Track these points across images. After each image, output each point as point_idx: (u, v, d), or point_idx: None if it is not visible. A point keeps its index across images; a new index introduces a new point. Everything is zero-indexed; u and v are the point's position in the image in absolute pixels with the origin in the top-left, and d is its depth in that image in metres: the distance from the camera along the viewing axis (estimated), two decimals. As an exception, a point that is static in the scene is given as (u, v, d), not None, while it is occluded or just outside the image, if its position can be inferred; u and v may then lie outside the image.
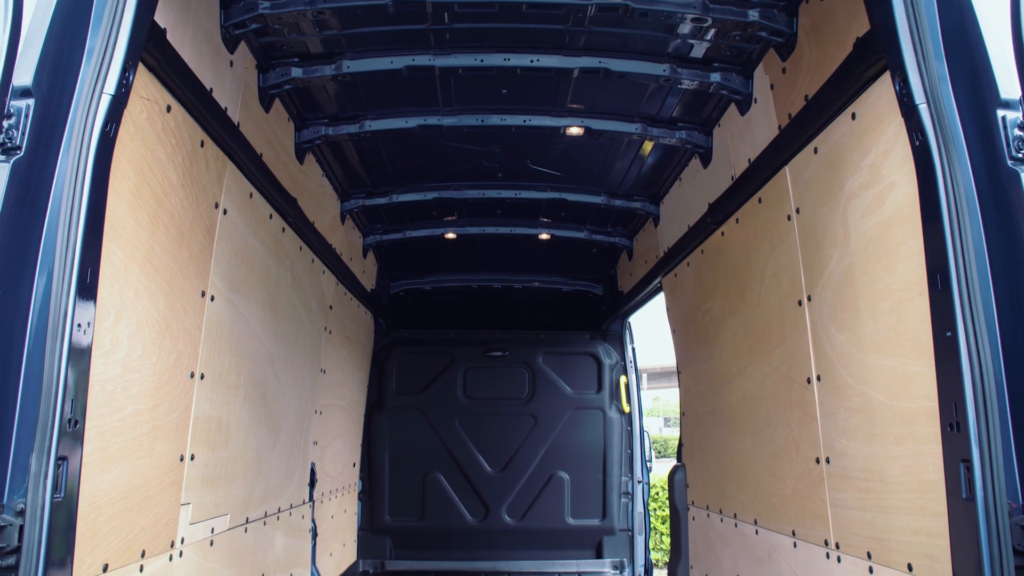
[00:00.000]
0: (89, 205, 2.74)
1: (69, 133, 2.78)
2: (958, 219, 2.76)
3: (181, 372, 3.84)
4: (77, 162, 2.72)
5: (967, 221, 2.76)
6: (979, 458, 2.52)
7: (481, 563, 9.13)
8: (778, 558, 4.61)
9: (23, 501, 2.47)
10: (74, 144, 2.74)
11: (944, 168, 2.80)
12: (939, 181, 2.81)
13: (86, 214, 2.72)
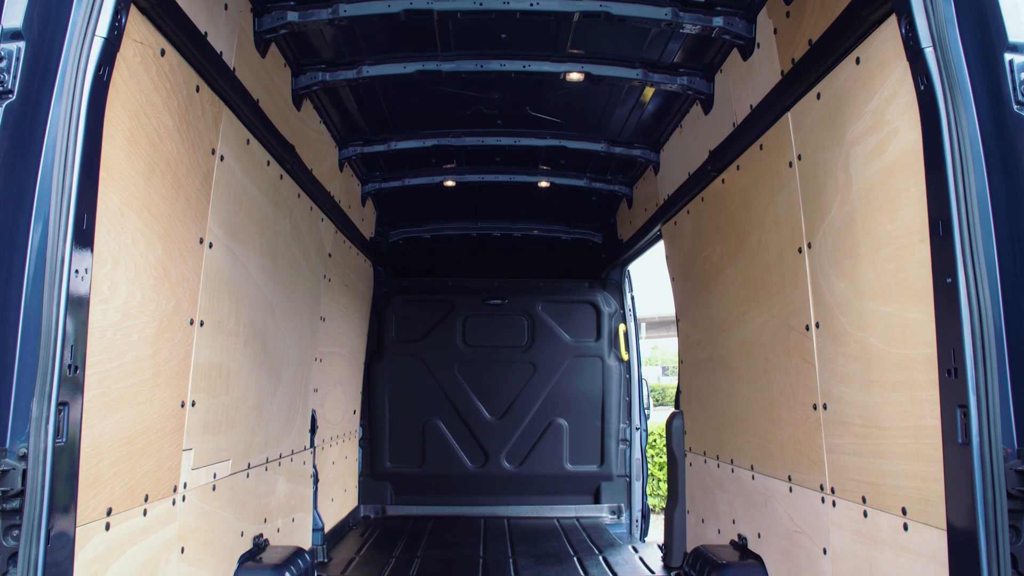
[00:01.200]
0: (84, 150, 2.71)
1: (62, 77, 2.74)
2: (962, 165, 2.74)
3: (180, 319, 3.85)
4: (70, 106, 2.69)
5: (971, 167, 2.74)
6: (976, 404, 2.53)
7: (480, 508, 9.26)
8: (774, 503, 4.66)
9: (25, 446, 2.49)
10: (67, 88, 2.70)
11: (949, 113, 2.76)
12: (943, 126, 2.78)
13: (81, 159, 2.69)
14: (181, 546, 3.89)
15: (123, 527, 3.27)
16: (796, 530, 4.34)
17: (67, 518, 2.65)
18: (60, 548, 2.59)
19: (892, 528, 3.29)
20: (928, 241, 2.91)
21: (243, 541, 4.85)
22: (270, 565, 4.82)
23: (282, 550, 5.16)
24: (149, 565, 3.55)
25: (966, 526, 2.58)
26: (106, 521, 3.12)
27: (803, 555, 4.25)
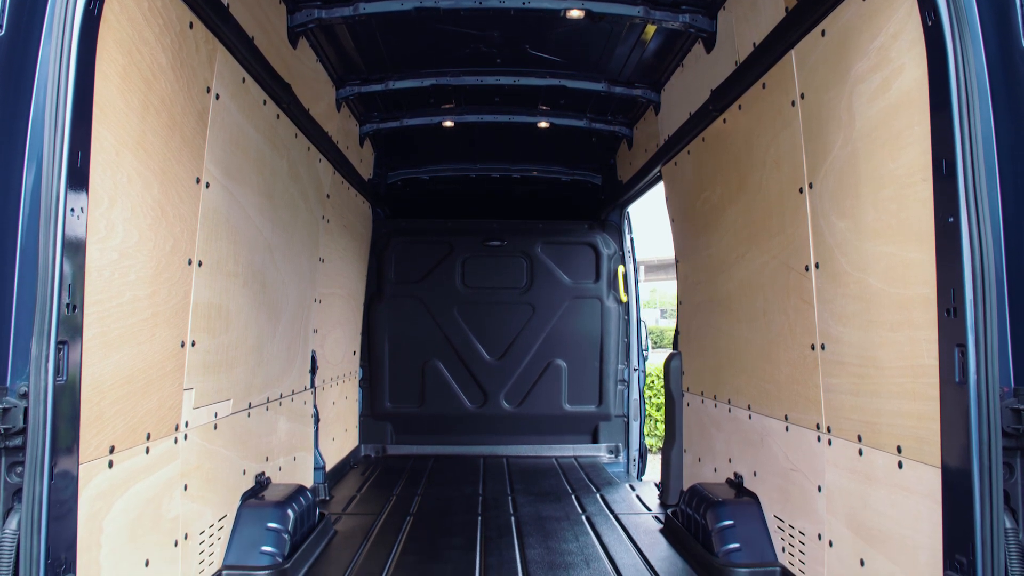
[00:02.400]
0: (76, 87, 2.67)
1: (51, 11, 2.68)
2: (967, 103, 2.70)
3: (178, 259, 3.83)
4: (61, 41, 2.64)
5: (976, 106, 2.71)
6: (974, 343, 2.54)
7: (480, 448, 9.37)
8: (770, 441, 4.71)
9: (26, 384, 2.50)
10: (57, 23, 2.65)
11: (956, 50, 2.72)
12: (950, 63, 2.73)
13: (73, 96, 2.65)
14: (184, 483, 3.94)
15: (126, 465, 3.31)
16: (792, 468, 4.39)
17: (70, 455, 2.67)
18: (64, 485, 2.62)
19: (887, 466, 3.33)
20: (931, 181, 2.89)
21: (245, 479, 4.92)
22: (272, 502, 4.89)
23: (284, 488, 5.23)
24: (153, 502, 3.60)
25: (960, 463, 2.61)
26: (109, 459, 3.15)
27: (798, 492, 4.31)
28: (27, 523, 2.42)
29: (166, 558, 3.74)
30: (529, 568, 4.97)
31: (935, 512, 2.89)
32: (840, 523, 3.81)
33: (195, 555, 4.11)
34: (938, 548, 2.85)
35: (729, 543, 4.77)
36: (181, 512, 3.91)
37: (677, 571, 4.92)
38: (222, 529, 4.51)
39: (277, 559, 4.64)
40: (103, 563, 3.10)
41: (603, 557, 5.23)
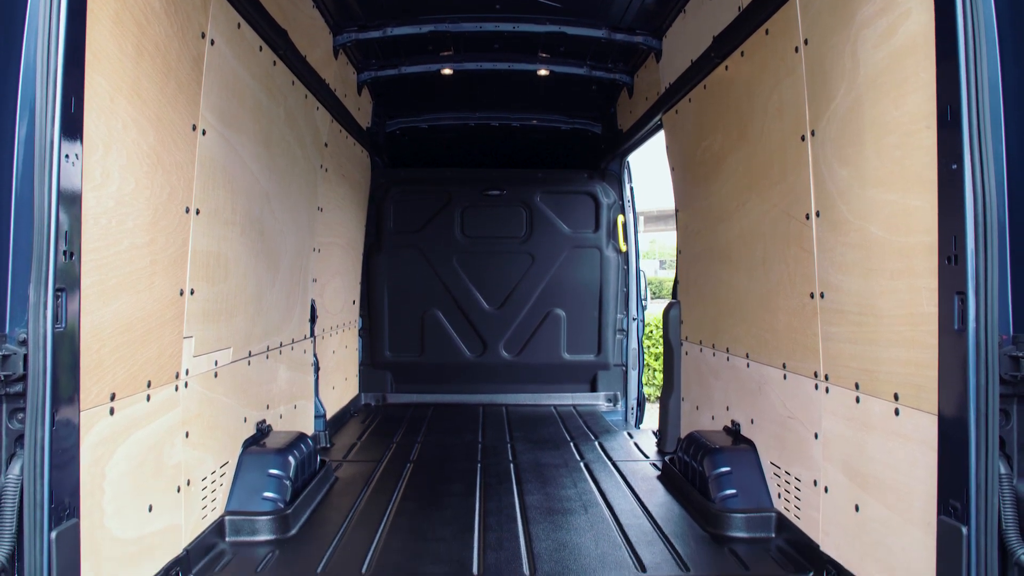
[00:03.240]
0: (68, 30, 2.62)
1: (41, -48, 2.62)
2: (974, 49, 2.66)
3: (176, 207, 3.81)
4: (52, -17, 2.58)
5: (983, 51, 2.66)
6: (974, 290, 2.54)
7: (479, 396, 9.44)
8: (768, 389, 4.74)
9: (25, 331, 2.50)
10: (47, -37, 2.59)
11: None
12: (957, 8, 2.68)
13: (65, 40, 2.61)
14: (185, 431, 3.97)
15: (127, 412, 3.32)
16: (789, 416, 4.42)
17: (70, 402, 2.69)
18: (65, 431, 2.63)
19: (883, 413, 3.35)
20: (935, 128, 2.86)
21: (246, 426, 4.95)
22: (274, 449, 4.93)
23: (285, 435, 5.27)
24: (155, 449, 3.63)
25: (957, 410, 2.62)
26: (110, 406, 3.17)
27: (794, 439, 4.35)
28: (29, 468, 2.44)
29: (169, 504, 3.78)
30: (528, 513, 5.04)
31: (930, 458, 2.91)
32: (836, 469, 3.84)
33: (197, 501, 4.16)
34: (932, 494, 2.88)
35: (725, 489, 4.83)
36: (183, 459, 3.94)
37: (674, 516, 4.98)
38: (224, 476, 4.56)
39: (279, 505, 4.69)
40: (106, 508, 3.14)
41: (601, 503, 5.30)
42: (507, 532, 4.69)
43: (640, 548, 4.42)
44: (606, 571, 4.09)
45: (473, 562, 4.21)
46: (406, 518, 4.96)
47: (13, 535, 2.49)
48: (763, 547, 4.44)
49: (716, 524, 4.69)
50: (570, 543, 4.50)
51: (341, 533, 4.67)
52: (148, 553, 3.56)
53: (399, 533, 4.68)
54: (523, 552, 4.35)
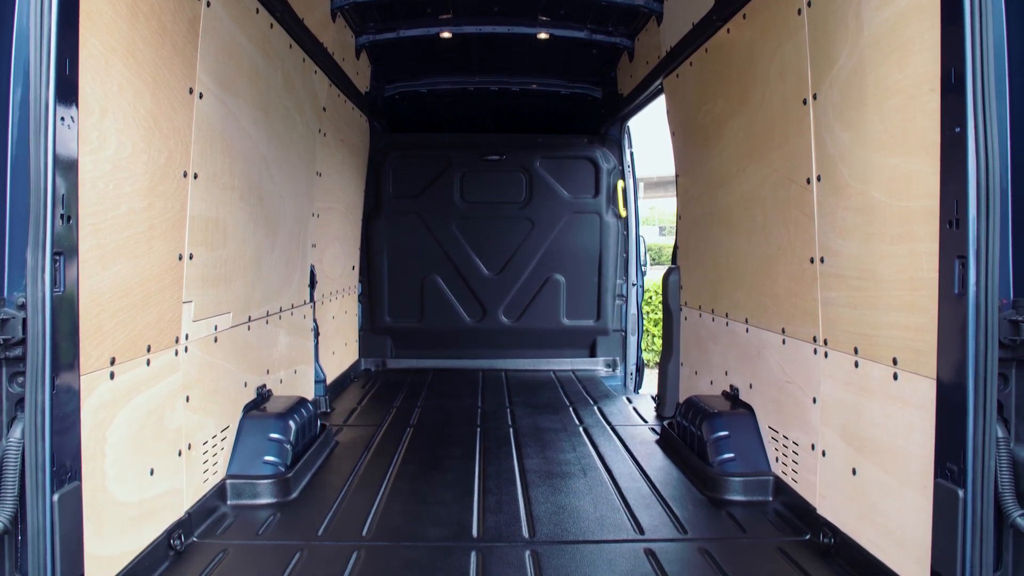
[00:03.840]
0: (61, -11, 2.59)
1: (32, -91, 2.58)
2: (980, 11, 2.63)
3: (173, 171, 3.79)
4: (44, -58, 2.54)
5: (990, 13, 2.63)
6: (975, 254, 2.53)
7: (479, 362, 9.46)
8: (766, 354, 4.75)
9: (23, 295, 2.49)
10: (39, -78, 2.55)
11: (969, -48, 2.62)
12: (963, -35, 2.64)
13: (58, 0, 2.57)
14: (186, 395, 3.98)
15: (127, 376, 3.33)
16: (787, 380, 4.44)
17: (70, 366, 2.69)
18: (66, 395, 2.64)
19: (882, 378, 3.36)
20: (939, 91, 2.83)
21: (247, 391, 4.97)
22: (274, 413, 4.96)
23: (285, 400, 5.29)
24: (155, 413, 3.64)
25: (956, 374, 2.63)
26: (110, 370, 3.17)
27: (792, 404, 4.36)
28: (31, 432, 2.45)
29: (170, 467, 3.81)
30: (527, 477, 5.07)
31: (928, 423, 2.92)
32: (833, 434, 3.86)
33: (199, 465, 4.18)
34: (929, 457, 2.90)
35: (724, 453, 4.86)
36: (183, 423, 3.96)
37: (672, 480, 5.02)
38: (225, 440, 4.59)
39: (280, 468, 4.72)
40: (108, 472, 3.16)
41: (600, 467, 5.33)
42: (506, 495, 4.72)
43: (638, 511, 4.45)
44: (605, 534, 4.13)
45: (473, 525, 4.25)
46: (406, 481, 5.00)
47: (15, 498, 2.50)
48: (760, 510, 4.48)
49: (714, 488, 4.72)
50: (569, 506, 4.53)
51: (342, 496, 4.70)
52: (150, 516, 3.59)
53: (399, 496, 4.71)
54: (522, 515, 4.39)
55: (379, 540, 4.05)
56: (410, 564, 3.72)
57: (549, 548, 3.93)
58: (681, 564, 3.74)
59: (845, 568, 3.63)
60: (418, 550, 3.90)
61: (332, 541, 4.03)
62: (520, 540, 4.04)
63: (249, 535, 4.10)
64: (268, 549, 3.94)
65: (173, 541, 3.76)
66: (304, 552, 3.86)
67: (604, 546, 3.97)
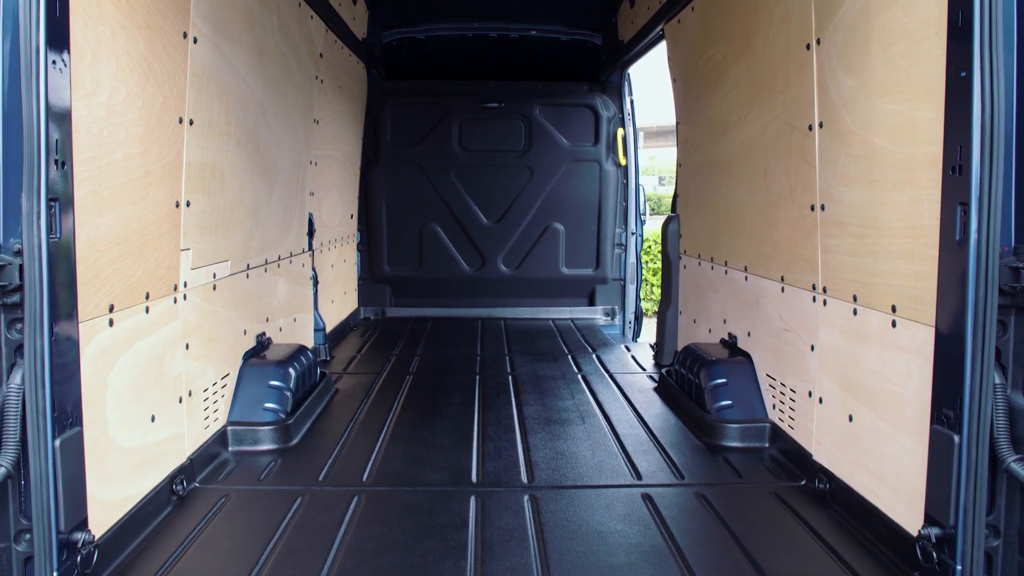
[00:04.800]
0: (50, -71, 2.52)
1: None
2: (987, -50, 2.57)
3: (169, 117, 3.75)
4: None
5: (997, -47, 2.57)
6: (977, 201, 2.51)
7: (478, 310, 9.48)
8: (765, 302, 4.75)
9: (19, 242, 2.48)
10: None
11: None
12: (972, -94, 2.58)
13: (48, -61, 2.51)
14: (185, 342, 3.99)
15: (126, 323, 3.33)
16: (785, 328, 4.45)
17: (69, 313, 2.69)
18: (65, 342, 2.64)
19: (880, 325, 3.36)
20: (945, 35, 2.78)
21: (246, 339, 4.98)
22: (274, 361, 4.97)
23: (285, 347, 5.31)
24: (155, 360, 3.65)
25: (955, 320, 2.63)
26: (109, 317, 3.17)
27: (791, 352, 4.38)
28: (30, 378, 2.45)
29: (171, 414, 3.83)
30: (526, 423, 5.11)
31: (925, 370, 2.93)
32: (831, 381, 3.88)
33: (199, 411, 4.21)
34: (925, 404, 2.91)
35: (721, 400, 4.89)
36: (184, 370, 3.97)
37: (670, 427, 5.06)
38: (225, 387, 4.61)
39: (280, 415, 4.76)
40: (109, 417, 3.18)
41: (598, 414, 5.37)
42: (505, 442, 4.76)
43: (636, 457, 4.50)
44: (602, 479, 4.18)
45: (472, 470, 4.29)
46: (406, 428, 5.04)
47: (18, 443, 2.52)
48: (757, 456, 4.52)
49: (711, 434, 4.76)
50: (567, 452, 4.58)
51: (342, 443, 4.74)
52: (152, 462, 3.62)
53: (399, 442, 4.75)
54: (521, 460, 4.43)
55: (379, 485, 4.09)
56: (410, 508, 3.77)
57: (547, 493, 3.97)
58: (678, 508, 3.78)
59: (840, 513, 3.68)
60: (418, 495, 3.95)
61: (333, 486, 4.08)
62: (519, 485, 4.09)
63: (251, 480, 4.15)
64: (270, 494, 3.98)
65: (175, 486, 3.80)
66: (305, 497, 3.90)
67: (602, 491, 4.02)
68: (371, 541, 3.41)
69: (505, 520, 3.63)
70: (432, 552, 3.30)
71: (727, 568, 3.19)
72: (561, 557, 3.26)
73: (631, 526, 3.58)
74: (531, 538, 3.44)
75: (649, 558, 3.26)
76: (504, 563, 3.20)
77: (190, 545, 3.37)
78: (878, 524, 3.36)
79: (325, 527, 3.55)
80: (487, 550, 3.31)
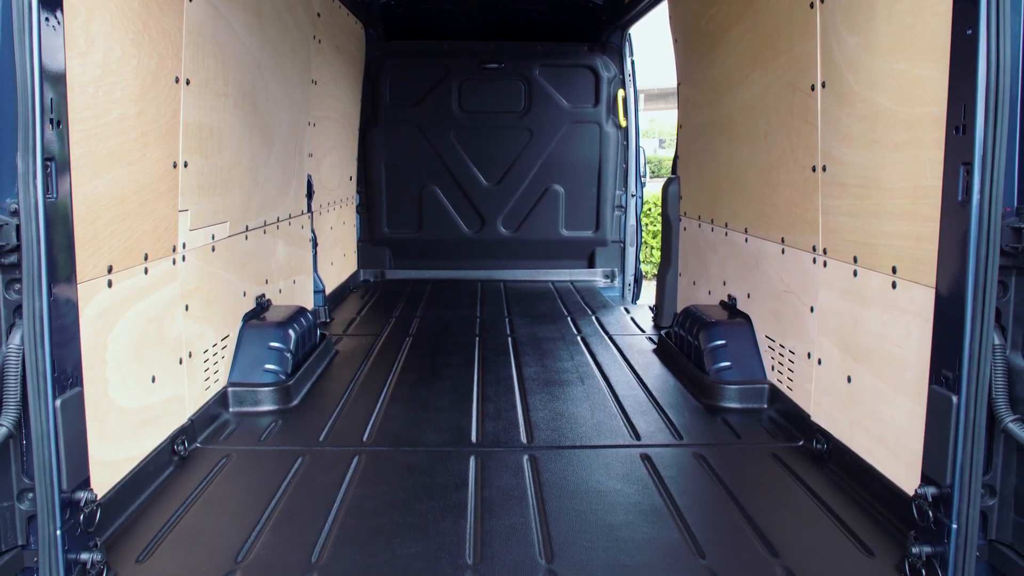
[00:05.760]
0: None
1: None
2: (995, -96, 2.52)
3: (165, 76, 3.71)
4: None
5: (1005, -94, 2.52)
6: (981, 161, 2.49)
7: (477, 272, 9.47)
8: (765, 264, 4.75)
9: (15, 202, 2.46)
10: None
11: None
12: None
13: None
14: (185, 304, 3.99)
15: (125, 284, 3.33)
16: (785, 290, 4.45)
17: (67, 273, 2.68)
18: (64, 302, 2.64)
19: (881, 287, 3.36)
20: None
21: (246, 300, 4.98)
22: (274, 322, 4.98)
23: (285, 309, 5.31)
24: (155, 321, 3.65)
25: (955, 281, 2.62)
26: (108, 279, 3.16)
27: (790, 313, 4.38)
28: (30, 338, 2.45)
29: (172, 375, 3.84)
30: (526, 384, 5.13)
31: (925, 331, 2.93)
32: (830, 342, 3.89)
33: (200, 373, 4.22)
34: (924, 365, 2.92)
35: (720, 362, 4.90)
36: (184, 331, 3.98)
37: (669, 388, 5.08)
38: (225, 349, 4.62)
39: (280, 376, 4.77)
40: (110, 378, 3.18)
41: (597, 375, 5.39)
42: (505, 402, 4.78)
43: (635, 418, 4.52)
44: (601, 439, 4.20)
45: (472, 431, 4.31)
46: (406, 389, 5.06)
47: (19, 402, 2.52)
48: (755, 417, 4.54)
49: (710, 395, 4.78)
50: (567, 413, 4.60)
51: (342, 404, 4.76)
52: (154, 422, 3.63)
53: (399, 403, 4.77)
54: (520, 421, 4.46)
55: (379, 445, 4.11)
56: (410, 468, 3.79)
57: (547, 453, 4.00)
58: (676, 468, 3.81)
59: (837, 473, 3.70)
60: (418, 455, 3.97)
61: (333, 446, 4.10)
62: (518, 445, 4.11)
63: (251, 441, 4.17)
64: (270, 454, 4.01)
65: (177, 447, 3.82)
66: (306, 457, 3.93)
67: (601, 451, 4.04)
68: (371, 500, 3.43)
69: (504, 480, 3.66)
70: (432, 511, 3.32)
71: (725, 527, 3.22)
72: (560, 516, 3.28)
73: (630, 485, 3.60)
74: (530, 497, 3.47)
75: (648, 517, 3.28)
76: (504, 522, 3.23)
77: (192, 505, 3.39)
78: (875, 484, 3.38)
79: (326, 487, 3.58)
80: (487, 509, 3.34)
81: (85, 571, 2.65)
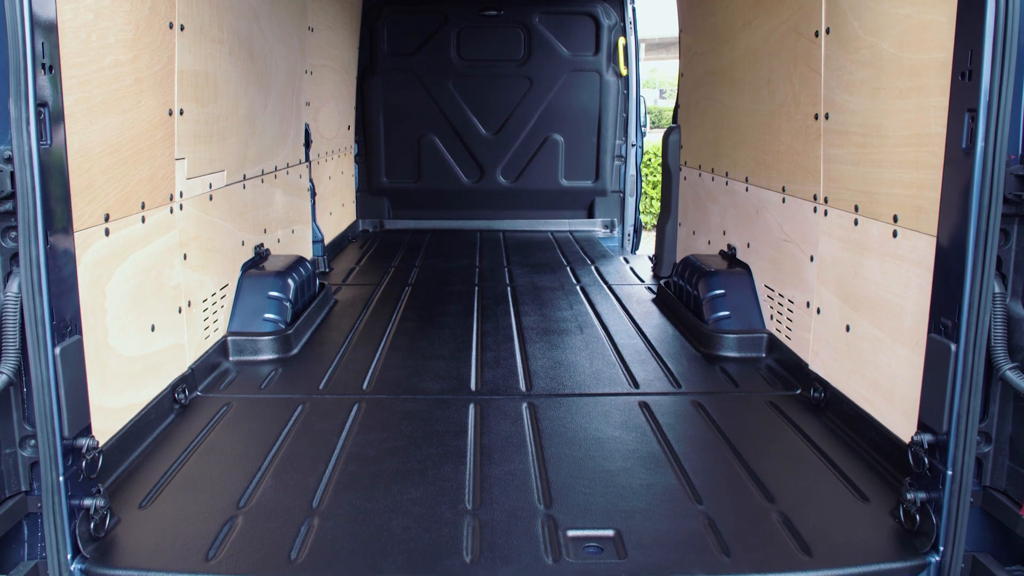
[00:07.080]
0: None
1: None
2: None
3: (158, 21, 3.65)
4: None
5: None
6: (986, 107, 2.45)
7: (476, 222, 9.44)
8: (765, 213, 4.72)
9: (8, 148, 2.43)
10: None
11: None
12: None
13: None
14: (183, 253, 3.98)
15: (122, 233, 3.31)
16: (785, 239, 4.43)
17: (64, 222, 2.66)
18: (61, 250, 2.62)
19: (881, 235, 3.35)
20: None
21: (244, 250, 4.97)
22: (273, 271, 4.97)
23: (284, 258, 5.30)
24: (153, 270, 3.64)
25: (957, 229, 2.61)
26: (104, 227, 3.15)
27: (790, 262, 4.37)
28: (27, 286, 2.44)
29: (171, 324, 3.84)
30: (525, 333, 5.14)
31: (925, 279, 2.93)
32: (829, 291, 3.89)
33: (199, 321, 4.23)
34: (923, 314, 2.92)
35: (719, 311, 4.91)
36: (182, 280, 3.97)
37: (667, 338, 5.09)
38: (224, 298, 4.62)
39: (280, 325, 4.78)
40: (109, 327, 3.19)
41: (596, 324, 5.40)
42: (504, 351, 4.80)
43: (633, 366, 4.54)
44: (600, 387, 4.22)
45: (471, 379, 4.33)
46: (405, 338, 5.07)
47: (18, 350, 2.52)
48: (753, 366, 4.56)
49: (708, 344, 4.80)
50: (565, 361, 4.62)
51: (342, 352, 4.78)
52: (154, 371, 3.65)
53: (398, 352, 4.79)
54: (519, 369, 4.47)
55: (379, 393, 4.14)
56: (410, 415, 3.82)
57: (546, 400, 4.02)
58: (674, 416, 3.83)
59: (833, 420, 3.73)
60: (417, 402, 3.99)
61: (333, 394, 4.12)
62: (517, 393, 4.13)
63: (252, 389, 4.19)
64: (271, 402, 4.03)
65: (178, 395, 3.84)
66: (306, 405, 3.95)
67: (599, 399, 4.07)
68: (371, 447, 3.46)
69: (504, 427, 3.68)
70: (432, 457, 3.35)
71: (722, 473, 3.25)
72: (559, 462, 3.31)
73: (628, 432, 3.63)
74: (529, 444, 3.49)
75: (645, 463, 3.31)
76: (503, 468, 3.26)
77: (193, 451, 3.42)
78: (871, 432, 3.41)
79: (326, 434, 3.60)
80: (486, 455, 3.37)
81: (89, 516, 2.67)
